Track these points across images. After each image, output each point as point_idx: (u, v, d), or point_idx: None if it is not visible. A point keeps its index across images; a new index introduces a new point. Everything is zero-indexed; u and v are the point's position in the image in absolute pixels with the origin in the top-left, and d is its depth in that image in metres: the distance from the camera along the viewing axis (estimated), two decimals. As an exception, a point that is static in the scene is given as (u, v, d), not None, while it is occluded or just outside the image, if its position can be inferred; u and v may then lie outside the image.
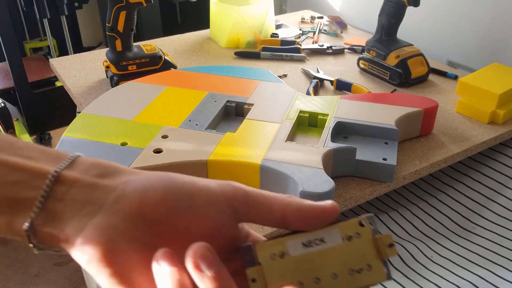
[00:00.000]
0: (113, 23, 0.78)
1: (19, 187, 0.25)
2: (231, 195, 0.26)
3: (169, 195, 0.25)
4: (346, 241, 0.26)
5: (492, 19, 0.90)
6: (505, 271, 0.54)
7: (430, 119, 0.68)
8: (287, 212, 0.26)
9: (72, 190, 0.25)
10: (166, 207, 0.25)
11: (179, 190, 0.25)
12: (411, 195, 0.67)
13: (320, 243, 0.26)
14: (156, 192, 0.25)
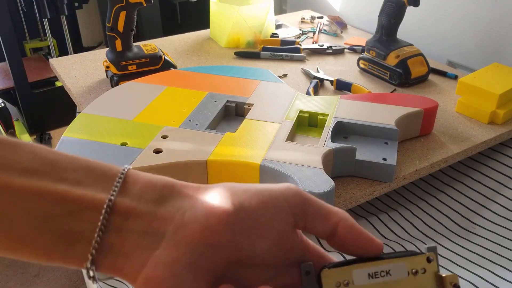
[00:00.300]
0: (113, 23, 0.78)
1: (72, 220, 0.23)
2: (294, 202, 0.25)
3: (232, 218, 0.24)
4: (411, 275, 0.26)
5: (492, 19, 0.90)
6: (505, 271, 0.54)
7: (430, 119, 0.68)
8: (340, 225, 0.26)
9: (130, 221, 0.24)
10: (231, 232, 0.24)
11: (243, 210, 0.24)
12: (411, 195, 0.67)
13: (386, 275, 0.26)
14: (219, 218, 0.24)
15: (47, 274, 1.63)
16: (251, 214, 0.24)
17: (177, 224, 0.24)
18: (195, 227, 0.23)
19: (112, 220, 0.23)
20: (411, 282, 0.26)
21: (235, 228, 0.24)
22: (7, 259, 1.67)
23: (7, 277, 1.61)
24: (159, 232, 0.24)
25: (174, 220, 0.24)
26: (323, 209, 0.26)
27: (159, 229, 0.24)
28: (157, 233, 0.24)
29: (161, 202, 0.24)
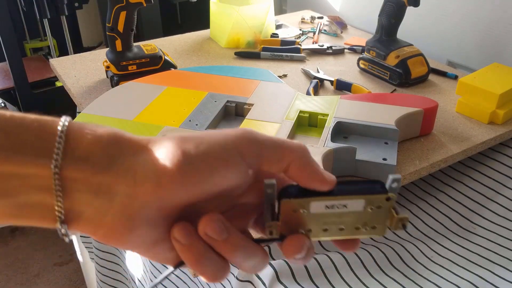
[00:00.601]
0: (113, 23, 0.78)
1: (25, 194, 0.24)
2: (247, 151, 0.26)
3: (183, 171, 0.24)
4: (367, 209, 0.27)
5: (492, 19, 0.90)
6: (505, 271, 0.54)
7: (430, 119, 0.68)
8: (292, 165, 0.27)
9: (79, 184, 0.24)
10: (183, 183, 0.25)
11: (195, 164, 0.25)
12: (411, 195, 0.67)
13: (342, 208, 0.27)
14: (171, 175, 0.24)
15: (47, 274, 1.63)
16: (206, 169, 0.25)
17: (129, 184, 0.24)
18: (148, 187, 0.24)
19: (63, 185, 0.24)
20: (364, 215, 0.28)
21: (187, 179, 0.25)
22: (8, 259, 1.67)
23: (7, 277, 1.61)
24: (111, 192, 0.24)
25: (125, 180, 0.24)
26: (277, 151, 0.27)
27: (111, 189, 0.24)
28: (109, 192, 0.24)
29: (109, 163, 0.24)
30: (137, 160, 0.25)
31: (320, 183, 0.27)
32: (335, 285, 0.50)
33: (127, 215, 0.25)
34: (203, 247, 0.26)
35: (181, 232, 0.26)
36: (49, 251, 1.72)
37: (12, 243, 1.75)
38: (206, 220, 0.26)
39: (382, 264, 0.54)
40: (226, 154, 0.26)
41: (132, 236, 0.25)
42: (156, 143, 0.26)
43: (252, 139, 0.27)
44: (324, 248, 0.57)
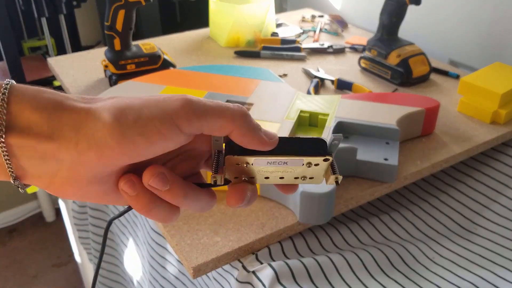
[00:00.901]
0: (111, 22, 0.78)
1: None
2: (185, 124, 0.27)
3: (124, 146, 0.26)
4: (305, 166, 0.30)
5: (494, 18, 0.89)
6: (506, 272, 0.54)
7: (432, 118, 0.67)
8: (233, 134, 0.28)
9: (25, 150, 0.26)
10: (125, 156, 0.26)
11: (133, 137, 0.26)
12: (413, 195, 0.67)
13: (282, 164, 0.30)
14: (112, 148, 0.26)
15: (45, 275, 1.62)
16: (138, 137, 0.26)
17: (72, 153, 0.26)
18: (90, 155, 0.26)
19: (10, 150, 0.25)
20: (304, 169, 0.30)
21: (126, 150, 0.26)
22: (6, 260, 1.67)
23: (6, 278, 1.60)
24: (57, 158, 0.26)
25: (68, 150, 0.26)
26: (218, 121, 0.28)
27: (56, 156, 0.26)
28: (55, 159, 0.26)
29: (51, 132, 0.25)
30: (78, 131, 0.26)
31: (260, 146, 0.29)
32: (335, 286, 0.50)
33: (74, 177, 0.27)
34: (150, 196, 0.28)
35: (127, 184, 0.28)
36: (47, 252, 1.71)
37: (9, 244, 1.74)
38: (148, 173, 0.27)
39: (383, 265, 0.54)
40: (164, 128, 0.26)
41: (82, 192, 0.28)
42: (96, 113, 0.26)
43: (192, 111, 0.27)
44: (324, 249, 0.56)
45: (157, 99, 0.27)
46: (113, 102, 0.27)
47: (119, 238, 0.79)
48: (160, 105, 0.27)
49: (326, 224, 0.60)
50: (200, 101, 0.27)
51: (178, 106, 0.27)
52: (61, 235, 1.76)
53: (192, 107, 0.27)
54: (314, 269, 0.50)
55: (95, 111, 0.26)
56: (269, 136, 0.29)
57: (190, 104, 0.27)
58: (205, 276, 0.56)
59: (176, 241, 0.50)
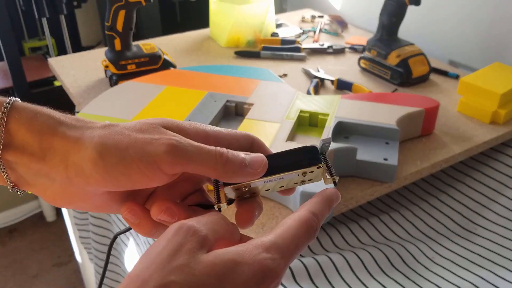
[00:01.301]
0: (112, 22, 0.78)
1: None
2: (169, 169, 0.28)
3: (108, 181, 0.27)
4: (301, 176, 0.31)
5: (494, 18, 0.89)
6: (506, 272, 0.54)
7: (431, 119, 0.67)
8: (218, 178, 0.29)
9: (19, 167, 0.28)
10: (111, 187, 0.28)
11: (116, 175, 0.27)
12: (412, 195, 0.67)
13: (279, 179, 0.31)
14: (97, 180, 0.27)
15: (45, 275, 1.62)
16: (121, 176, 0.27)
17: (62, 176, 0.28)
18: (78, 181, 0.28)
19: (6, 164, 0.28)
20: (300, 178, 0.31)
21: (110, 184, 0.27)
22: (6, 260, 1.67)
23: (6, 278, 1.61)
24: (50, 177, 0.28)
25: (59, 172, 0.27)
26: (201, 169, 0.28)
27: (49, 175, 0.28)
28: (48, 177, 0.28)
29: (43, 155, 0.27)
30: (66, 158, 0.27)
31: (250, 178, 0.29)
32: (335, 286, 0.50)
33: (66, 194, 0.29)
34: (152, 222, 0.30)
35: (129, 214, 0.30)
36: (47, 252, 1.71)
37: (10, 243, 1.75)
38: (157, 209, 0.29)
39: (382, 265, 0.54)
40: (147, 170, 0.27)
41: (74, 205, 0.30)
42: (83, 145, 0.27)
43: (175, 157, 0.27)
44: (324, 249, 0.56)
45: (144, 140, 0.28)
46: (102, 135, 0.28)
47: (120, 238, 0.79)
48: (146, 147, 0.27)
49: (326, 224, 0.60)
50: (184, 147, 0.28)
51: (163, 150, 0.27)
52: (62, 235, 1.76)
53: (176, 153, 0.27)
54: (314, 268, 0.50)
55: (83, 142, 0.27)
56: (257, 165, 0.29)
57: (174, 150, 0.27)
58: (205, 276, 0.56)
59: (177, 241, 0.50)
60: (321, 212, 0.28)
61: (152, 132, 0.28)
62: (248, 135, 0.33)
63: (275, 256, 0.25)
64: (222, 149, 0.29)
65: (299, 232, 0.27)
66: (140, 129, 0.28)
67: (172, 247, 0.24)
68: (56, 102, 1.43)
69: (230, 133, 0.32)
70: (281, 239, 0.26)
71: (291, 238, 0.26)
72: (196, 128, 0.31)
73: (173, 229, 0.25)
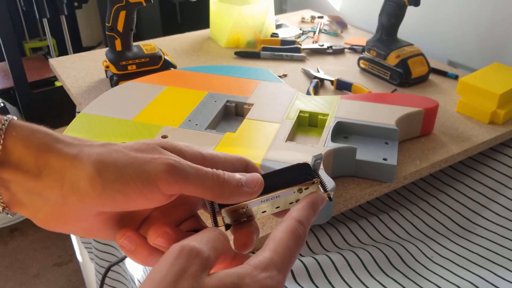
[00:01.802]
0: (112, 23, 0.78)
1: None
2: (166, 189, 0.28)
3: (104, 199, 0.27)
4: (297, 193, 0.31)
5: (493, 19, 0.89)
6: (505, 271, 0.54)
7: (431, 119, 0.68)
8: (215, 199, 0.29)
9: (13, 185, 0.27)
10: (106, 207, 0.28)
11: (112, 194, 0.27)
12: (412, 195, 0.67)
13: (275, 198, 0.31)
14: (93, 199, 0.27)
15: (46, 274, 1.62)
16: (117, 194, 0.27)
17: (57, 194, 0.27)
18: (73, 200, 0.27)
19: (1, 183, 0.27)
20: (296, 195, 0.32)
21: (106, 203, 0.27)
22: (7, 260, 1.67)
23: (7, 277, 1.61)
24: (43, 196, 0.27)
25: (54, 190, 0.27)
26: (197, 190, 0.28)
27: (42, 194, 0.27)
28: (41, 196, 0.27)
29: (38, 172, 0.27)
30: (63, 175, 0.27)
31: (247, 198, 0.30)
32: (335, 285, 0.50)
33: (58, 214, 0.28)
34: (148, 249, 0.29)
35: (125, 240, 0.29)
36: (48, 251, 1.71)
37: (11, 243, 1.75)
38: (153, 234, 0.29)
39: (382, 264, 0.54)
40: (145, 189, 0.27)
41: (66, 227, 0.29)
42: (81, 162, 0.27)
43: (173, 177, 0.27)
44: (324, 249, 0.57)
45: (143, 159, 0.28)
46: (100, 153, 0.28)
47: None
48: (144, 166, 0.27)
49: (326, 224, 0.60)
50: (183, 168, 0.28)
51: (162, 170, 0.27)
52: (62, 235, 1.77)
53: (175, 172, 0.27)
54: (314, 268, 0.51)
55: (81, 159, 0.27)
56: (253, 184, 0.30)
57: (173, 170, 0.27)
58: (205, 275, 0.57)
59: (177, 241, 0.51)
60: (306, 218, 0.29)
61: (151, 152, 0.28)
62: (241, 158, 0.33)
63: (274, 273, 0.26)
64: (218, 171, 0.29)
65: (290, 244, 0.27)
66: (139, 149, 0.29)
67: (175, 271, 0.24)
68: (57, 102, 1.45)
69: (225, 157, 0.33)
70: (276, 254, 0.27)
71: (284, 252, 0.27)
72: (192, 150, 0.31)
73: (175, 251, 0.25)
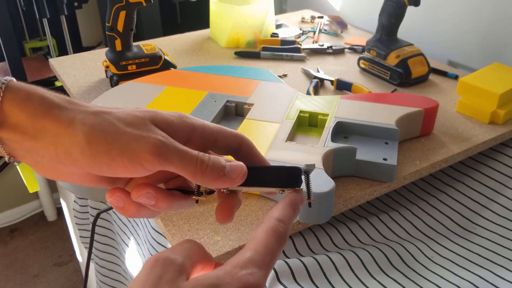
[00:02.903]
0: (112, 23, 0.78)
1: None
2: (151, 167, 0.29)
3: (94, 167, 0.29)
4: (279, 193, 0.32)
5: (493, 19, 0.89)
6: (505, 271, 0.54)
7: (431, 119, 0.68)
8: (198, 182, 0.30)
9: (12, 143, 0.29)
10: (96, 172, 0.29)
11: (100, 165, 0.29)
12: (412, 195, 0.67)
13: (257, 190, 0.31)
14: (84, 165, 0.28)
15: (46, 274, 1.62)
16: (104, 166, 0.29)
17: (52, 155, 0.29)
18: (67, 162, 0.29)
19: (2, 141, 0.29)
20: (277, 192, 0.32)
21: (96, 170, 0.29)
22: (7, 259, 1.67)
23: (7, 277, 1.61)
24: (40, 155, 0.29)
25: (49, 152, 0.29)
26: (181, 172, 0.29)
27: (39, 153, 0.29)
28: (38, 154, 0.29)
29: (35, 134, 0.28)
30: (57, 139, 0.28)
31: (228, 185, 0.30)
32: (335, 285, 0.50)
33: (55, 169, 0.30)
34: (136, 206, 0.31)
35: (114, 200, 0.31)
36: (48, 251, 1.71)
37: (11, 243, 1.75)
38: (135, 193, 0.30)
39: (382, 264, 0.54)
40: (130, 164, 0.28)
41: (62, 178, 0.31)
42: (74, 129, 0.28)
43: (158, 157, 0.28)
44: (324, 249, 0.57)
45: (132, 136, 0.29)
46: (93, 124, 0.29)
47: (120, 237, 0.80)
48: (131, 143, 0.28)
49: (326, 224, 0.60)
50: (168, 150, 0.29)
51: (147, 150, 0.28)
52: (63, 235, 1.77)
53: (160, 154, 0.28)
54: (314, 268, 0.51)
55: (75, 127, 0.28)
56: (235, 174, 0.30)
57: (158, 151, 0.28)
58: (205, 275, 0.57)
59: (177, 241, 0.51)
60: (287, 217, 0.30)
61: (141, 128, 0.29)
62: (238, 135, 0.34)
63: (254, 270, 0.26)
64: (204, 156, 0.30)
65: (271, 242, 0.28)
66: (130, 123, 0.29)
67: (152, 280, 0.25)
68: (57, 102, 1.40)
69: (218, 130, 0.33)
70: (256, 253, 0.27)
71: (265, 250, 0.27)
72: (183, 122, 0.32)
73: (150, 263, 0.26)
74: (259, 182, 0.31)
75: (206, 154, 0.30)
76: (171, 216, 0.54)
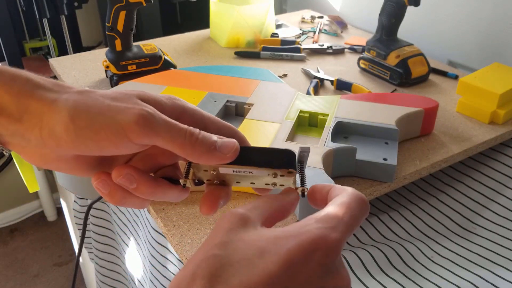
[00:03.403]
0: (112, 23, 0.78)
1: None
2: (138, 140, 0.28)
3: (77, 145, 0.28)
4: (271, 177, 0.30)
5: (493, 19, 0.89)
6: (505, 271, 0.54)
7: (431, 119, 0.68)
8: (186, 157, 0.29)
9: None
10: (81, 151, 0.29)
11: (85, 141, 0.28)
12: (412, 195, 0.67)
13: (248, 173, 0.30)
14: (67, 143, 0.28)
15: (46, 274, 1.62)
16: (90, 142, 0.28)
17: (37, 137, 0.28)
18: (51, 143, 0.28)
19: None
20: (271, 178, 0.30)
21: (79, 148, 0.28)
22: (7, 259, 1.67)
23: (7, 277, 1.61)
24: (25, 138, 0.28)
25: (34, 134, 0.28)
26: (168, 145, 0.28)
27: (24, 136, 0.28)
28: (24, 138, 0.28)
29: (20, 116, 0.28)
30: (41, 119, 0.28)
31: (219, 162, 0.29)
32: (335, 285, 0.50)
33: (41, 155, 0.30)
34: (121, 192, 0.30)
35: (100, 184, 0.30)
36: (48, 251, 1.71)
37: (11, 243, 1.75)
38: (115, 173, 0.29)
39: (382, 264, 0.54)
40: (114, 137, 0.27)
41: (49, 166, 0.31)
42: (57, 107, 0.28)
43: (144, 128, 0.27)
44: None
45: (116, 108, 0.28)
46: (76, 100, 0.28)
47: (120, 237, 0.80)
48: (116, 115, 0.27)
49: (326, 224, 0.60)
50: (154, 120, 0.28)
51: (132, 120, 0.27)
52: (63, 235, 1.77)
53: (146, 124, 0.27)
54: (314, 268, 0.51)
55: (58, 105, 0.28)
56: (227, 149, 0.29)
57: (144, 121, 0.27)
58: (205, 275, 0.57)
59: (177, 240, 0.51)
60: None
61: (126, 101, 0.28)
62: (231, 127, 0.32)
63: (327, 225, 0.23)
64: (194, 129, 0.28)
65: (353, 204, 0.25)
66: (115, 98, 0.29)
67: (214, 230, 0.25)
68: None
69: (210, 117, 0.32)
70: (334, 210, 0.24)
71: (345, 209, 0.25)
72: (173, 103, 0.31)
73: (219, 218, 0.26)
74: (252, 162, 0.29)
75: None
76: (171, 216, 0.54)
